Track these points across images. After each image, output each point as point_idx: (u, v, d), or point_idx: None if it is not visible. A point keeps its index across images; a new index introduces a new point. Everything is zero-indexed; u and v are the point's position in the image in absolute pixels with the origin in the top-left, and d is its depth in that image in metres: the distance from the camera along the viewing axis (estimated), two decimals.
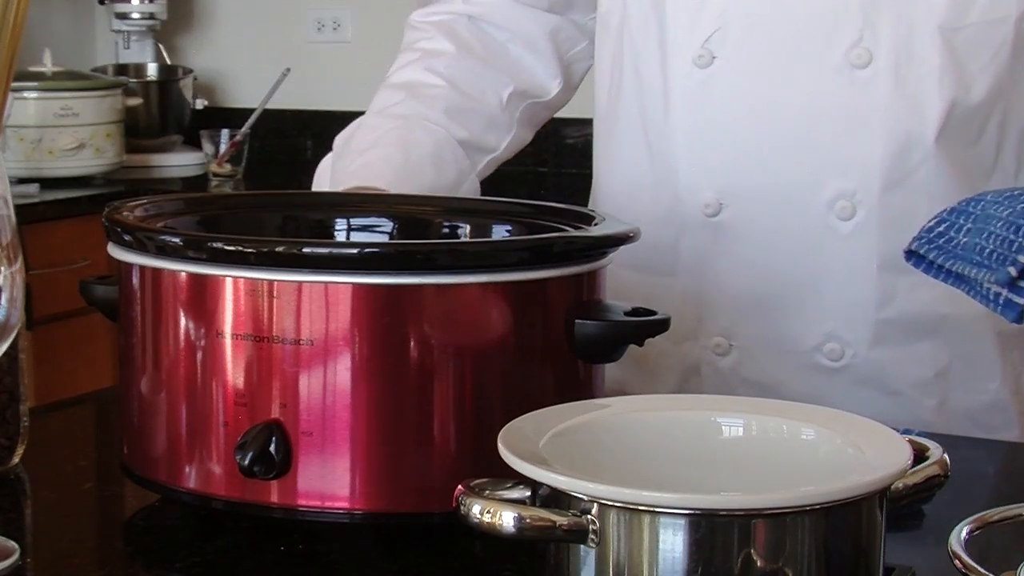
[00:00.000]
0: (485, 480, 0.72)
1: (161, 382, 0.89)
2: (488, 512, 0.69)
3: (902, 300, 1.20)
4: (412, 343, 0.84)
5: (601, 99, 1.34)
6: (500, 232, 1.04)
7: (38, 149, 3.07)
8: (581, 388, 0.90)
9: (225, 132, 3.32)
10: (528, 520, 0.68)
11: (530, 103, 1.43)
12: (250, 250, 0.85)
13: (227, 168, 3.30)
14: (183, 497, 0.89)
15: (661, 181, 1.27)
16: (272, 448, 0.84)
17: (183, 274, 0.87)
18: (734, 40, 1.22)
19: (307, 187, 1.38)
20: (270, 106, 3.35)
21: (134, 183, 3.23)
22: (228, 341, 0.85)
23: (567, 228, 0.97)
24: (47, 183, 3.05)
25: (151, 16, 3.61)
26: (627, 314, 0.90)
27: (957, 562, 0.73)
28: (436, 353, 0.84)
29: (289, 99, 3.46)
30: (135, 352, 0.91)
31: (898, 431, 0.77)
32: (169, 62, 3.65)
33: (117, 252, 0.92)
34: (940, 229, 0.89)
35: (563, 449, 0.74)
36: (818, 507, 0.68)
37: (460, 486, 0.71)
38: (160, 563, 0.88)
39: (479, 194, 1.36)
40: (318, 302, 0.84)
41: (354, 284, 0.84)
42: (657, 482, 0.75)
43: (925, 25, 1.17)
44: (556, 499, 0.70)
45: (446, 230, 1.08)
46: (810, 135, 1.20)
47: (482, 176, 1.40)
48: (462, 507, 0.70)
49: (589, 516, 0.68)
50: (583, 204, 1.07)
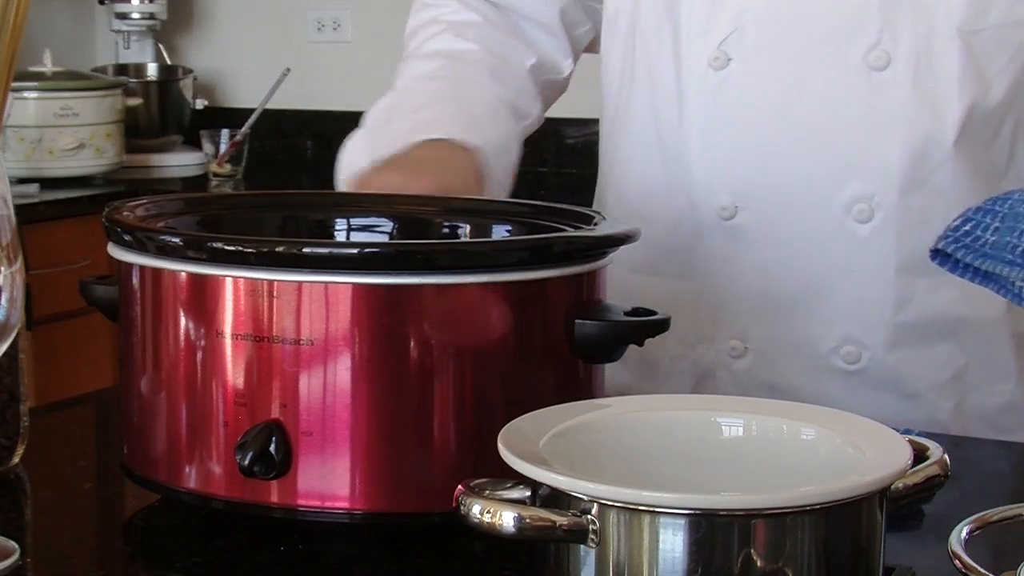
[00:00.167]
0: (485, 480, 0.72)
1: (161, 382, 0.89)
2: (488, 512, 0.69)
3: (919, 302, 1.20)
4: (412, 343, 0.84)
5: (609, 101, 1.33)
6: (500, 232, 1.04)
7: (38, 149, 3.07)
8: (581, 388, 0.90)
9: (225, 132, 3.31)
10: (528, 520, 0.68)
11: (547, 79, 1.42)
12: (250, 250, 0.85)
13: (227, 168, 3.29)
14: (183, 497, 0.89)
15: (675, 184, 1.26)
16: (272, 448, 0.84)
17: (183, 274, 0.87)
18: (750, 42, 1.21)
19: (307, 187, 1.37)
20: (270, 106, 3.35)
21: (134, 183, 3.22)
22: (228, 341, 0.85)
23: (567, 228, 0.97)
24: (47, 183, 3.04)
25: (151, 16, 3.61)
26: (627, 314, 0.90)
27: (957, 562, 0.73)
28: (436, 353, 0.84)
29: (289, 99, 3.45)
30: (135, 352, 0.91)
31: (898, 431, 0.77)
32: (169, 62, 3.64)
33: (117, 252, 0.92)
34: (967, 228, 0.89)
35: (563, 449, 0.74)
36: (818, 507, 0.68)
37: (460, 486, 0.71)
38: (160, 563, 0.88)
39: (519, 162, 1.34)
40: (318, 302, 0.84)
41: (354, 284, 0.84)
42: (657, 482, 0.75)
43: (944, 27, 1.16)
44: (556, 499, 0.70)
45: (446, 230, 1.08)
46: (827, 137, 1.19)
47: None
48: (462, 507, 0.70)
49: (589, 516, 0.68)
50: (583, 204, 1.07)
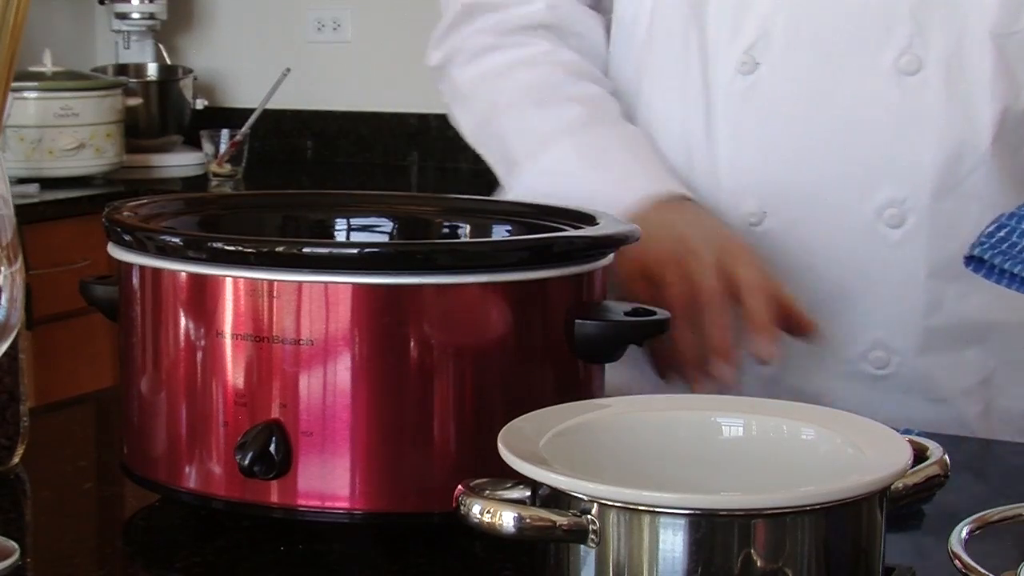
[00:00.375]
0: (485, 480, 0.72)
1: (161, 382, 0.89)
2: (488, 512, 0.69)
3: (950, 307, 1.19)
4: (412, 343, 0.84)
5: (623, 107, 1.31)
6: (500, 232, 1.04)
7: (38, 149, 3.07)
8: (581, 388, 0.90)
9: (225, 132, 3.31)
10: (528, 520, 0.68)
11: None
12: (250, 250, 0.85)
13: (227, 168, 3.29)
14: (183, 497, 0.89)
15: (702, 190, 1.24)
16: (272, 448, 0.84)
17: (183, 274, 0.87)
18: (779, 46, 1.20)
19: (307, 187, 1.36)
20: (270, 106, 3.35)
21: (134, 183, 3.23)
22: (228, 341, 0.85)
23: (567, 228, 0.97)
24: (47, 183, 3.04)
25: (151, 16, 3.61)
26: (627, 314, 0.90)
27: (957, 562, 0.73)
28: (436, 353, 0.84)
29: (289, 99, 3.45)
30: (135, 352, 0.91)
31: (898, 431, 0.77)
32: (169, 62, 3.64)
33: (117, 252, 0.92)
34: (1002, 234, 0.88)
35: (563, 449, 0.74)
36: (818, 507, 0.68)
37: (460, 486, 0.71)
38: (160, 563, 0.88)
39: None
40: (318, 302, 0.84)
41: (354, 284, 0.84)
42: (657, 482, 0.74)
43: (976, 30, 1.15)
44: (556, 499, 0.70)
45: (446, 230, 1.08)
46: (858, 142, 1.18)
47: None
48: (462, 507, 0.70)
49: (589, 516, 0.68)
50: None
